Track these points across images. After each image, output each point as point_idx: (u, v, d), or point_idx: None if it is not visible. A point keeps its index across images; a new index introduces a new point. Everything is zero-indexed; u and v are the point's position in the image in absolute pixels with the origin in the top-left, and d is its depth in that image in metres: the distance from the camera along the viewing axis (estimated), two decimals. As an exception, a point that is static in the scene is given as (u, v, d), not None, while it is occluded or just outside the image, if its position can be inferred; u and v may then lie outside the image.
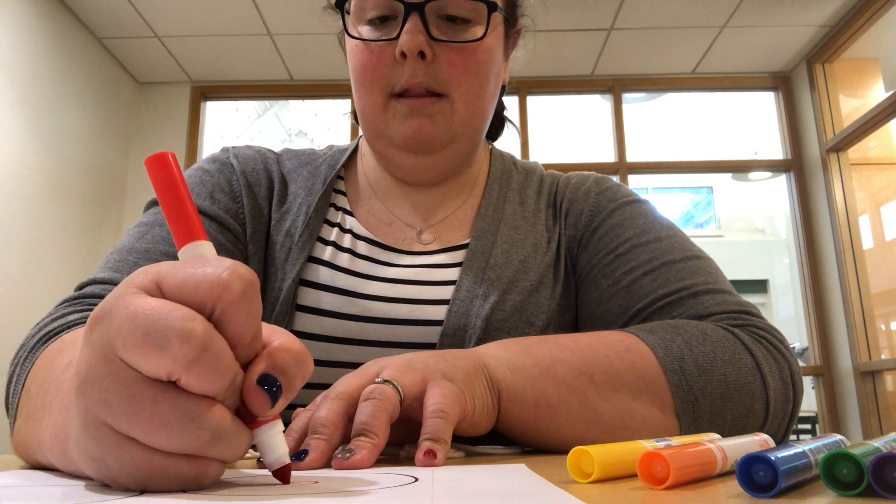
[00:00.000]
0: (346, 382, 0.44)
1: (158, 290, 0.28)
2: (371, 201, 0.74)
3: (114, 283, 0.59)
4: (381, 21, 0.65)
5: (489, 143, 0.82)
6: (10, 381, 0.51)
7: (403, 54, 0.63)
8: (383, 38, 0.64)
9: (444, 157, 0.70)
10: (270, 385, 0.29)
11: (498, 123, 0.82)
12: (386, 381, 0.43)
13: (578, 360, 0.52)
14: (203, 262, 0.28)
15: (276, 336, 0.31)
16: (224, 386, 0.27)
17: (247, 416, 0.29)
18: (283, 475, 0.31)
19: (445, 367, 0.46)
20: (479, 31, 0.66)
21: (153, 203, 0.68)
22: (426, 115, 0.65)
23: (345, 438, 0.41)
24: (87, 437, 0.27)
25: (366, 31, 0.65)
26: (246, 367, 0.29)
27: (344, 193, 0.75)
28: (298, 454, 0.38)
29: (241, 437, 0.29)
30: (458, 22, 0.65)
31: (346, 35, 0.69)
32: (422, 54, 0.63)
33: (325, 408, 0.41)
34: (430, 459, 0.39)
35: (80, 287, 0.60)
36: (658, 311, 0.62)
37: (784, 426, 0.58)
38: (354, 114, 0.80)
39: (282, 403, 0.29)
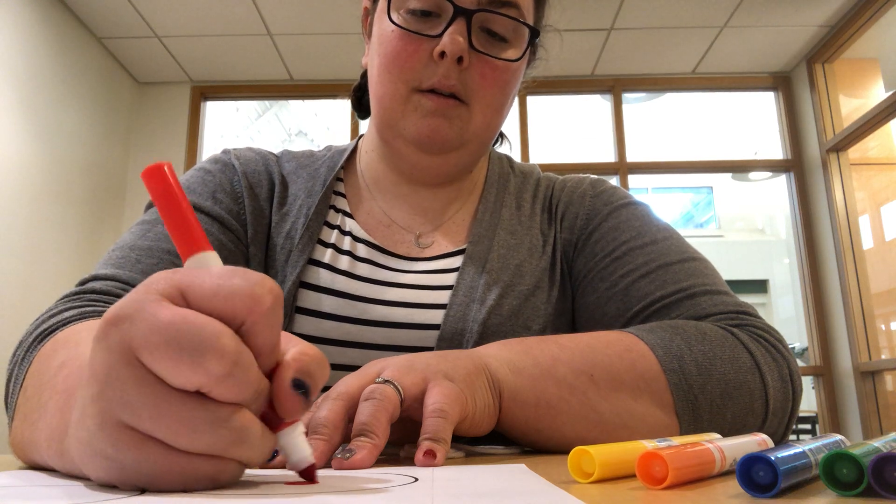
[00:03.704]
0: (347, 383, 0.44)
1: (182, 299, 0.28)
2: (370, 203, 0.74)
3: (116, 280, 0.59)
4: (422, 15, 0.65)
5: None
6: (8, 380, 0.51)
7: (442, 54, 0.63)
8: (425, 32, 0.64)
9: (448, 160, 0.70)
10: (302, 388, 0.29)
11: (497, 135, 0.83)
12: (386, 381, 0.43)
13: (579, 359, 0.52)
14: (230, 273, 0.28)
15: (291, 342, 0.31)
16: (251, 395, 0.28)
17: (271, 420, 0.30)
18: (309, 474, 0.31)
19: (446, 368, 0.46)
20: (513, 52, 0.67)
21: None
22: (446, 116, 0.65)
23: (345, 438, 0.41)
24: (104, 438, 0.27)
25: (405, 20, 0.65)
26: (268, 373, 0.29)
27: (343, 195, 0.75)
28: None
29: (266, 440, 0.29)
30: (496, 38, 0.66)
31: (379, 16, 0.68)
32: (460, 59, 0.63)
33: (325, 408, 0.41)
34: (430, 460, 0.39)
35: (82, 283, 0.60)
36: (656, 313, 0.63)
37: (784, 425, 0.58)
38: (356, 97, 0.81)
39: (308, 406, 0.30)
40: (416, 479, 0.32)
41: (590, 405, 0.51)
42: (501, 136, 0.84)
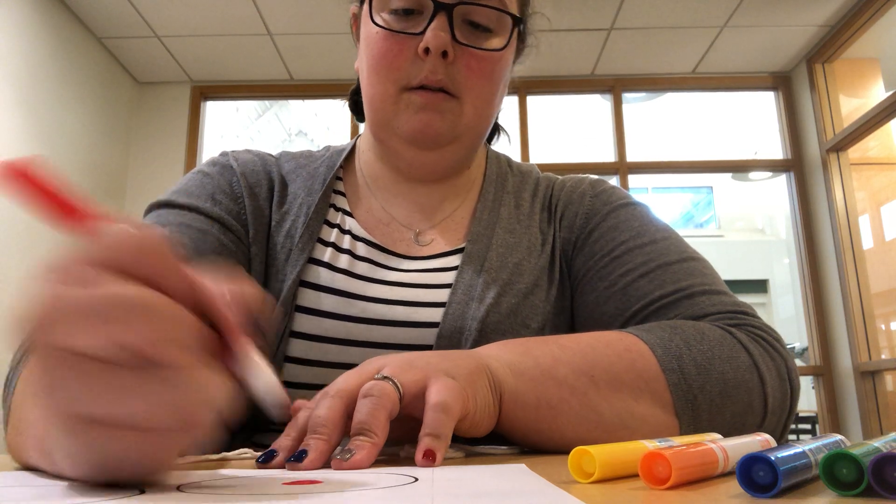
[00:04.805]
0: (346, 380, 0.44)
1: (77, 269, 0.27)
2: (369, 201, 0.75)
3: None
4: (405, 13, 0.66)
5: (486, 145, 0.83)
6: (7, 384, 0.52)
7: (427, 50, 0.64)
8: (408, 30, 0.65)
9: (443, 155, 0.70)
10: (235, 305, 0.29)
11: (493, 129, 0.83)
12: (385, 377, 0.43)
13: (580, 360, 0.52)
14: (114, 229, 0.28)
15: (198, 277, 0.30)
16: (172, 331, 0.26)
17: (224, 357, 0.29)
18: (281, 405, 0.30)
19: (448, 366, 0.46)
20: (498, 41, 0.67)
21: (153, 207, 0.68)
22: (438, 110, 0.66)
23: (345, 434, 0.41)
24: (66, 436, 0.27)
25: (388, 20, 0.66)
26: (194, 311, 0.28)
27: (343, 194, 0.75)
28: (298, 455, 0.38)
29: (221, 382, 0.28)
30: (480, 29, 0.67)
31: (364, 19, 0.69)
32: (444, 54, 0.64)
33: (324, 406, 0.41)
34: (429, 461, 0.39)
35: None
36: (655, 313, 0.63)
37: (782, 423, 0.59)
38: (353, 102, 0.81)
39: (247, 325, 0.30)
40: (416, 479, 0.32)
41: (590, 406, 0.51)
42: (498, 129, 0.84)
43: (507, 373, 0.50)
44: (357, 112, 0.81)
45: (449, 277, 0.68)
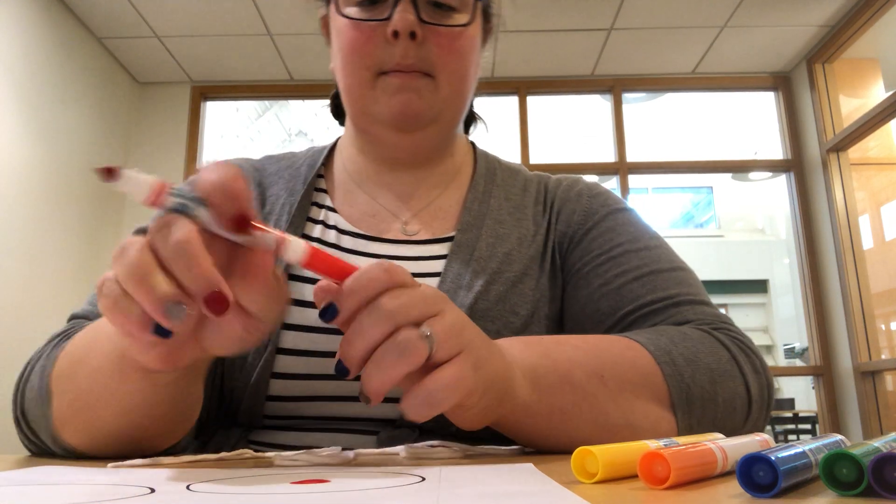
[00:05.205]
0: (408, 301, 0.40)
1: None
2: (354, 194, 0.76)
3: (88, 318, 0.62)
4: (370, 3, 0.67)
5: (470, 141, 0.84)
6: (23, 383, 0.53)
7: (395, 34, 0.65)
8: (375, 17, 0.67)
9: (425, 135, 0.72)
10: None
11: (469, 117, 0.85)
12: (428, 336, 0.39)
13: (593, 361, 0.54)
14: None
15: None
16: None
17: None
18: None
19: (482, 359, 0.44)
20: (463, 18, 0.69)
21: (137, 233, 0.69)
22: (414, 89, 0.67)
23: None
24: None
25: (355, 11, 0.68)
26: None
27: (325, 191, 0.77)
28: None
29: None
30: (444, 9, 0.68)
31: (332, 16, 0.71)
32: (413, 34, 0.65)
33: (371, 322, 0.39)
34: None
35: (69, 320, 0.64)
36: (644, 317, 0.65)
37: (764, 414, 0.62)
38: (333, 105, 0.82)
39: None
40: (423, 479, 0.33)
41: (599, 408, 0.52)
42: (475, 117, 0.86)
43: (526, 383, 0.49)
44: (338, 116, 0.83)
45: (437, 266, 0.69)
